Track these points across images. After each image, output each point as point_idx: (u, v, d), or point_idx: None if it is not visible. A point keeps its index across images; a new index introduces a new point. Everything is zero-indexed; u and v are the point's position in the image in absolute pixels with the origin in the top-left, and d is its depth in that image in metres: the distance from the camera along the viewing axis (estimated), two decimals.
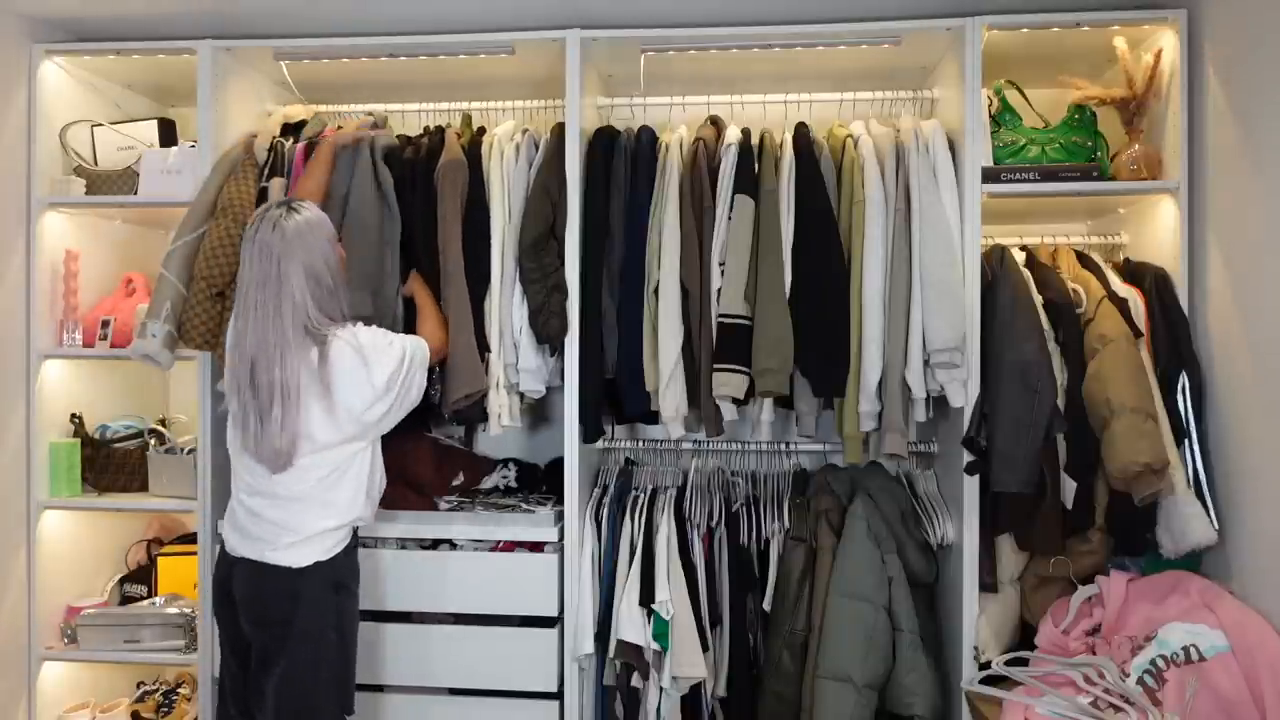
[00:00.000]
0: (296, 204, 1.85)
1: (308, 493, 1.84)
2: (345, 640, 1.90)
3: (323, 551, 1.86)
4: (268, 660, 1.83)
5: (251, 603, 1.85)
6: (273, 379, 1.76)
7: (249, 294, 1.80)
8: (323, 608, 1.85)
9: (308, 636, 1.82)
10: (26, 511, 2.41)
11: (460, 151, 2.26)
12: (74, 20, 2.42)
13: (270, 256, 1.78)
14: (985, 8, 2.17)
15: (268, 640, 1.83)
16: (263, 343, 1.77)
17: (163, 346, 2.18)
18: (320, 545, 1.85)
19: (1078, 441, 2.02)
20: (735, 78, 2.49)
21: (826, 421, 2.27)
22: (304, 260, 1.79)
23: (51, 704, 2.46)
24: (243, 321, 1.81)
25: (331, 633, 1.85)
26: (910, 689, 2.07)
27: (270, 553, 1.83)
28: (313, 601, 1.83)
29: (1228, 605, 1.80)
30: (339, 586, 1.89)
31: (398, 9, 2.27)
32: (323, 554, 1.86)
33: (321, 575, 1.85)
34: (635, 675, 2.21)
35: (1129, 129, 2.19)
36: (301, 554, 1.84)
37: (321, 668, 1.84)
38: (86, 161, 2.51)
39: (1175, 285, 2.11)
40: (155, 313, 2.18)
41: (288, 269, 1.78)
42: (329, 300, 1.84)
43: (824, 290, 2.14)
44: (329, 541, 1.87)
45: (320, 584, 1.85)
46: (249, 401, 1.79)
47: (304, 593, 1.83)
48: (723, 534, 2.33)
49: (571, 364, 2.24)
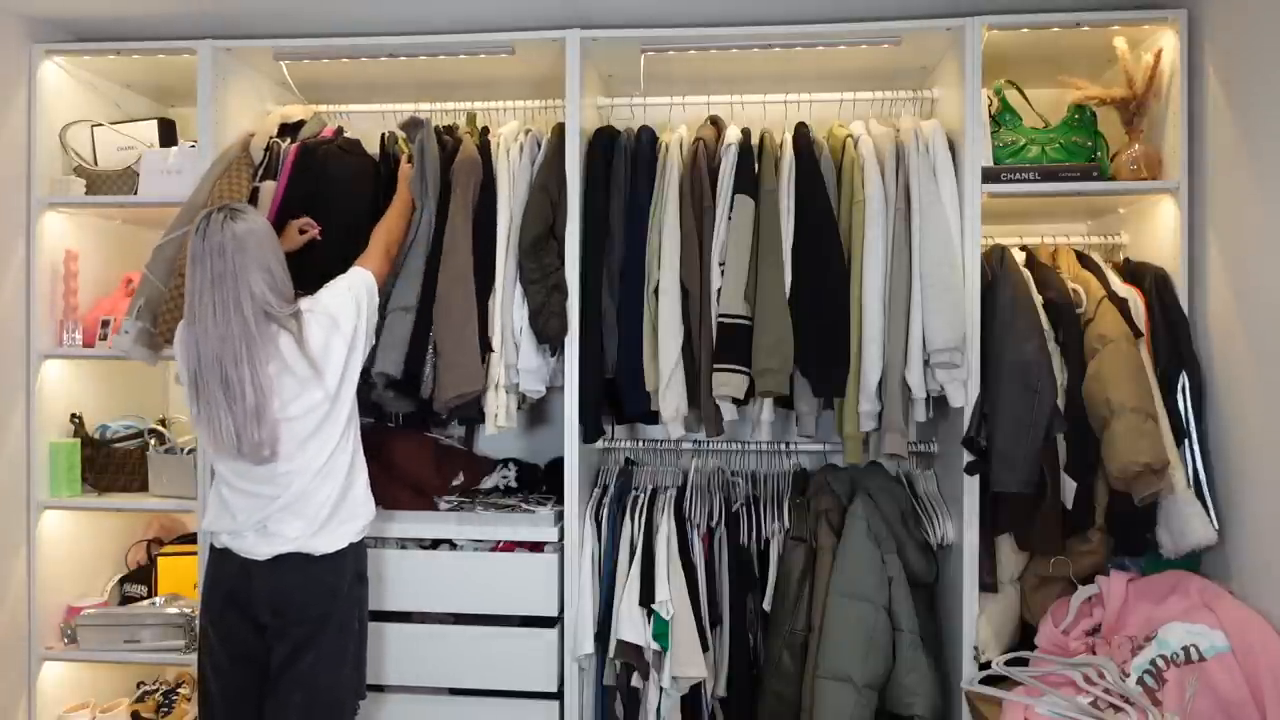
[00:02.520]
0: (239, 207, 1.89)
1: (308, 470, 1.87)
2: (365, 629, 1.99)
3: (354, 534, 1.93)
4: (296, 656, 1.85)
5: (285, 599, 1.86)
6: (242, 374, 1.77)
7: (203, 296, 1.79)
8: (353, 598, 1.93)
9: (342, 628, 1.89)
10: (26, 511, 2.41)
11: (475, 151, 2.26)
12: (74, 20, 2.42)
13: (224, 255, 1.79)
14: (985, 8, 2.17)
15: (301, 635, 1.85)
16: (226, 338, 1.77)
17: (135, 343, 2.19)
18: (349, 528, 1.92)
19: (1078, 441, 2.02)
20: (735, 78, 2.49)
21: (826, 421, 2.27)
22: (256, 255, 1.82)
23: (51, 704, 2.46)
24: (200, 324, 1.79)
25: (356, 623, 1.94)
26: (910, 689, 2.07)
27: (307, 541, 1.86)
28: (345, 593, 1.91)
29: (1228, 605, 1.80)
30: (360, 577, 1.97)
31: (398, 9, 2.27)
32: (354, 536, 1.93)
33: (349, 564, 1.92)
34: (635, 675, 2.21)
35: (1129, 129, 2.19)
36: (332, 539, 1.89)
37: (349, 657, 1.92)
38: (86, 161, 2.51)
39: (1175, 285, 2.11)
40: (130, 309, 2.21)
41: (243, 263, 1.80)
42: (284, 288, 1.88)
43: (824, 290, 2.14)
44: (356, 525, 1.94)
45: (350, 574, 1.92)
46: (219, 400, 1.78)
47: (338, 585, 1.89)
48: (723, 534, 2.33)
49: (571, 364, 2.24)
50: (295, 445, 1.85)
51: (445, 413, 2.20)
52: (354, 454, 1.96)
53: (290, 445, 1.84)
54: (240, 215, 1.85)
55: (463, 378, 2.13)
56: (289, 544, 1.85)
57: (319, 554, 1.87)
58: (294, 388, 1.83)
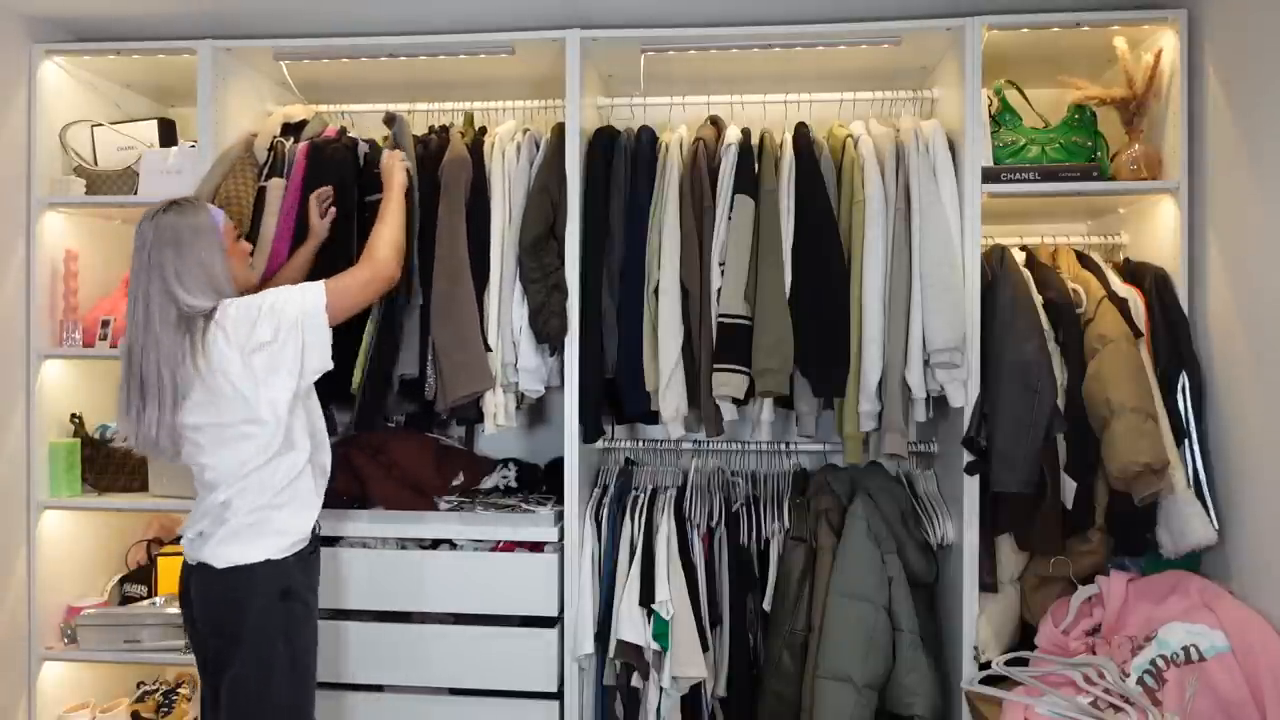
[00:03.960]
0: (182, 201, 1.83)
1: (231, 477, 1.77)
2: (302, 652, 1.80)
3: (275, 550, 1.77)
4: (217, 671, 1.78)
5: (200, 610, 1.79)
6: (149, 369, 1.72)
7: (130, 286, 1.78)
8: (273, 618, 1.75)
9: (257, 649, 1.74)
10: (26, 511, 2.41)
11: (465, 150, 2.26)
12: (74, 20, 2.42)
13: (144, 247, 1.76)
14: (985, 8, 2.17)
15: (216, 650, 1.78)
16: (138, 331, 1.74)
17: None
18: (269, 544, 1.77)
19: (1078, 441, 2.02)
20: (735, 78, 2.49)
21: (826, 421, 2.28)
22: (187, 250, 1.75)
23: (51, 704, 2.46)
24: (128, 316, 1.78)
25: (281, 644, 1.76)
26: (910, 689, 2.07)
27: (215, 550, 1.75)
28: (258, 611, 1.74)
29: (1228, 605, 1.80)
30: (287, 594, 1.78)
31: (398, 9, 2.27)
32: (275, 552, 1.77)
33: (263, 581, 1.76)
34: (635, 675, 2.21)
35: (1129, 129, 2.19)
36: (245, 550, 1.75)
37: (274, 683, 1.75)
38: (86, 161, 2.51)
39: (1175, 285, 2.11)
40: None
41: (159, 258, 1.74)
42: (217, 286, 1.78)
43: (824, 290, 2.14)
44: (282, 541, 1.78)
45: (267, 592, 1.76)
46: (131, 390, 1.75)
47: (246, 601, 1.74)
48: (723, 534, 2.33)
49: (571, 364, 2.24)
50: (212, 450, 1.77)
51: (446, 413, 2.20)
52: (294, 477, 1.81)
53: (195, 449, 1.77)
54: (179, 208, 1.79)
55: (472, 377, 2.13)
56: (205, 552, 1.77)
57: (222, 566, 1.75)
58: (201, 393, 1.74)
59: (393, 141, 2.25)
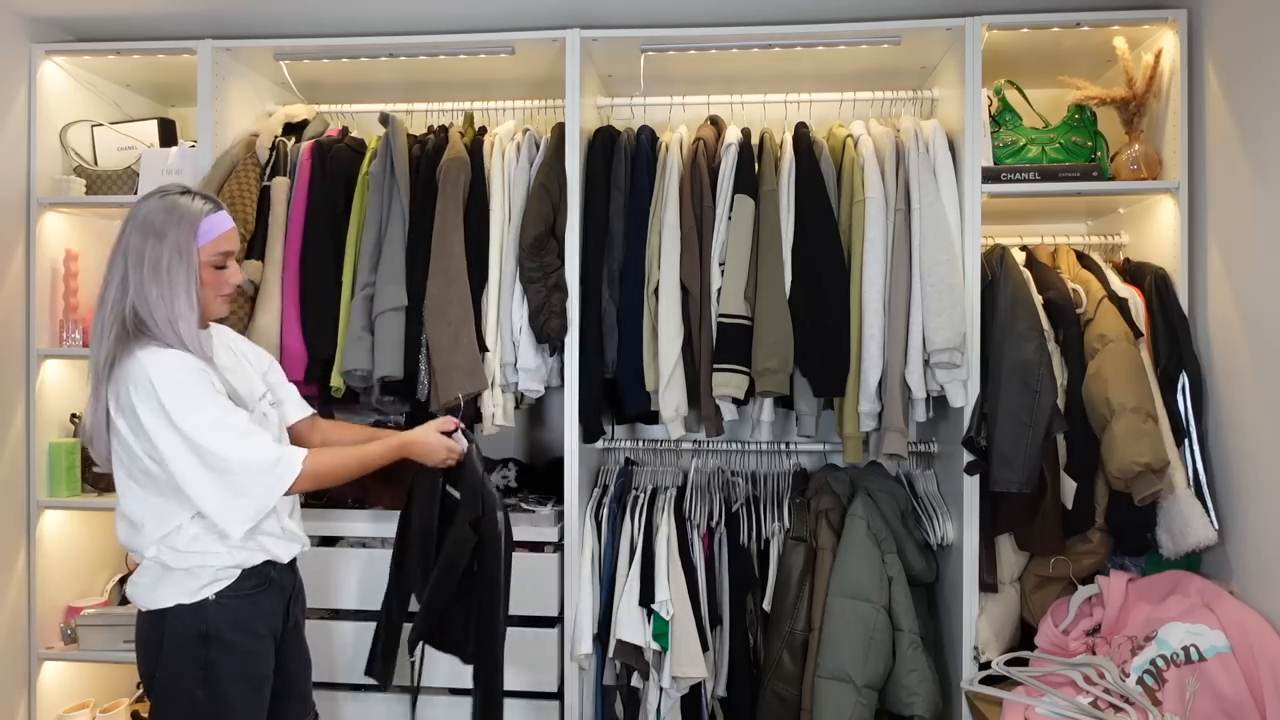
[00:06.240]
0: (174, 188, 1.62)
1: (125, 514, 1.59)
2: (225, 702, 1.57)
3: (187, 594, 1.56)
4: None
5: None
6: (96, 360, 1.56)
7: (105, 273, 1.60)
8: (188, 664, 1.55)
9: (171, 697, 1.57)
10: (26, 511, 2.41)
11: (463, 150, 2.26)
12: (74, 20, 2.42)
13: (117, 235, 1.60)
14: (985, 8, 2.17)
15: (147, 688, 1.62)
16: (93, 319, 1.58)
17: None
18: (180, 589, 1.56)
19: (1078, 441, 2.02)
20: (735, 78, 2.49)
21: (826, 421, 2.27)
22: (137, 246, 1.56)
23: (51, 704, 2.46)
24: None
25: (202, 692, 1.55)
26: (910, 689, 2.07)
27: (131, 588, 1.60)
28: (171, 656, 1.55)
29: (1228, 605, 1.80)
30: (206, 638, 1.56)
31: (398, 9, 2.27)
32: (186, 597, 1.56)
33: (177, 623, 1.56)
34: (635, 675, 2.21)
35: (1129, 129, 2.19)
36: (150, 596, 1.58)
37: None
38: (86, 161, 2.51)
39: (1175, 285, 2.11)
40: None
41: (116, 253, 1.58)
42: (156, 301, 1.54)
43: (824, 290, 2.14)
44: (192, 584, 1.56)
45: (182, 636, 1.56)
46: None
47: (157, 643, 1.57)
48: (723, 534, 2.33)
49: (571, 364, 2.24)
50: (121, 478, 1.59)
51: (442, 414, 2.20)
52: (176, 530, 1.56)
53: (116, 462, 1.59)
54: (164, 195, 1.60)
55: (465, 378, 2.13)
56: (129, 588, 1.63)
57: (140, 609, 1.60)
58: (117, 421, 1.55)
59: (384, 144, 2.23)
